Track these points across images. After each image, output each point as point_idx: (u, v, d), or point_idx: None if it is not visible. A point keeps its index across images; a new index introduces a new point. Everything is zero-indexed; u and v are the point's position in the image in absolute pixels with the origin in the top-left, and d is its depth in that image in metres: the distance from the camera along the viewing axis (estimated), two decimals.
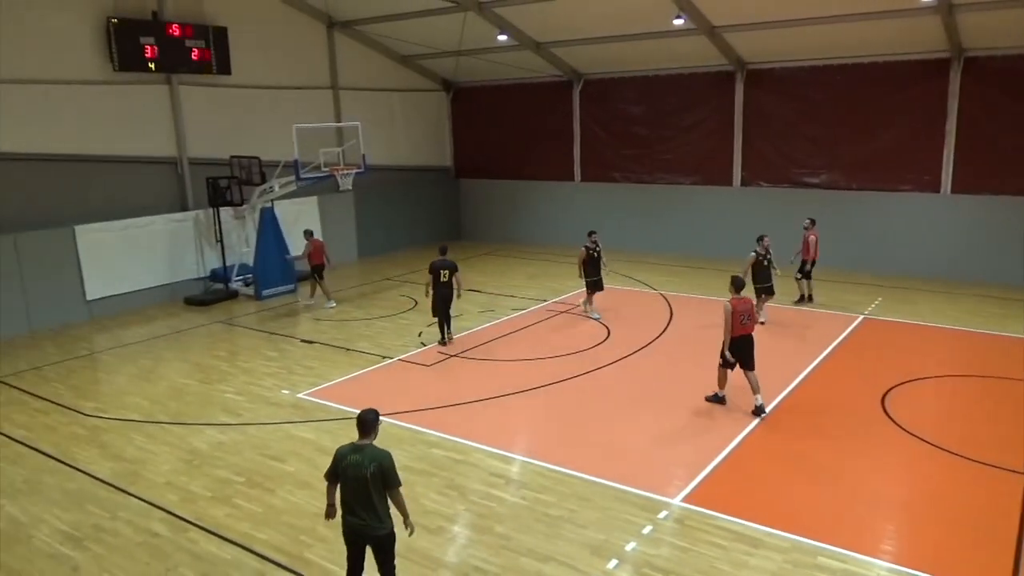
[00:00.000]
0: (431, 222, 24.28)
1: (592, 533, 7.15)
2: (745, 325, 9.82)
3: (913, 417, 9.66)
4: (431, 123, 24.82)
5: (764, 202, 19.83)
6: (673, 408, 10.28)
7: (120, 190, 16.66)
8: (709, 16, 17.17)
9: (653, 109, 21.32)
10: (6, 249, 14.69)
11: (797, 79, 19.03)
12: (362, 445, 5.65)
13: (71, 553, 7.11)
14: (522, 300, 16.48)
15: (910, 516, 7.50)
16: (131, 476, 8.70)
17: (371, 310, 16.12)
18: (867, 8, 15.37)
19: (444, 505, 7.78)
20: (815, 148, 19.10)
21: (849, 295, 16.21)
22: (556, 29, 19.35)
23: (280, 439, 9.59)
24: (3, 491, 8.44)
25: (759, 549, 6.80)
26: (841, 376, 11.44)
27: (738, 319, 9.73)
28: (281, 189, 17.11)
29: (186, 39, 17.08)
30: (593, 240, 14.66)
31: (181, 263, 17.63)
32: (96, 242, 15.97)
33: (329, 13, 20.40)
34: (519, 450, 9.13)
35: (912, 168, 17.89)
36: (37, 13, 14.99)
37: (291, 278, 17.92)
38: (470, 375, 11.89)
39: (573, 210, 22.70)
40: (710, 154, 20.64)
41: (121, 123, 16.59)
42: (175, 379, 12.12)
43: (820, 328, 13.85)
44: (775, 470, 8.43)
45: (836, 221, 18.72)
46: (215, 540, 7.25)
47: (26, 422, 10.45)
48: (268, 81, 19.38)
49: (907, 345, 12.93)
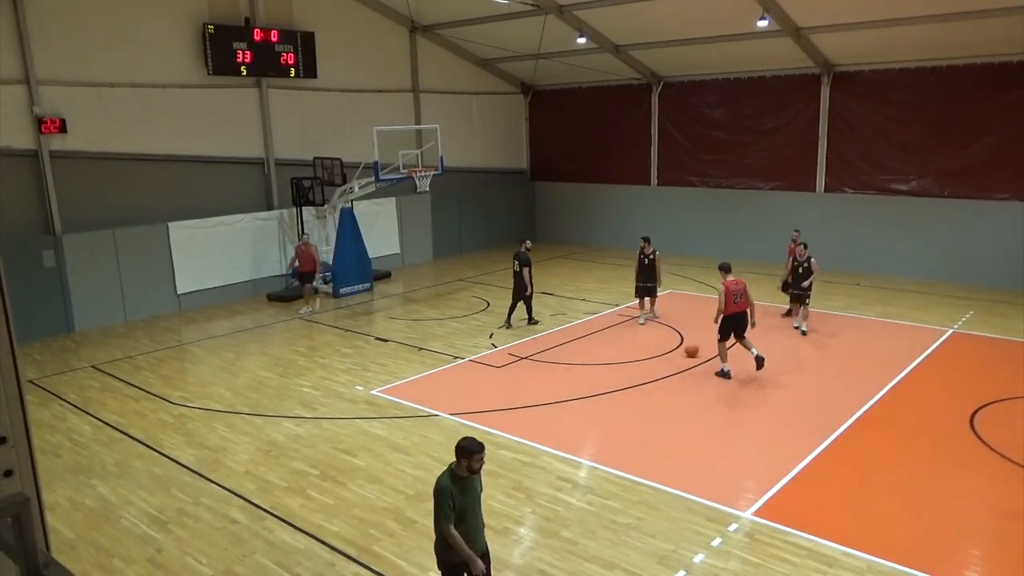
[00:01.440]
0: (506, 224, 24.44)
1: (659, 543, 7.06)
2: (738, 303, 11.24)
3: (1006, 438, 9.15)
4: (508, 126, 24.98)
5: (848, 208, 19.18)
6: (745, 418, 10.06)
7: (210, 189, 17.40)
8: (795, 17, 16.71)
9: (733, 112, 20.89)
10: (106, 243, 15.56)
11: (887, 82, 18.30)
12: (465, 474, 5.25)
13: (156, 535, 7.47)
14: (594, 304, 16.41)
15: (1001, 544, 7.10)
16: (213, 464, 9.07)
17: (444, 310, 16.35)
18: (964, 7, 14.67)
19: (511, 507, 7.82)
20: (904, 154, 18.33)
21: (937, 307, 15.49)
22: (636, 31, 19.19)
23: (353, 434, 9.83)
24: (96, 472, 8.94)
25: (833, 568, 6.58)
26: (927, 392, 10.94)
27: (730, 298, 11.17)
28: (361, 190, 17.54)
29: (276, 44, 17.72)
30: (641, 247, 14.75)
31: (265, 260, 18.30)
32: (187, 238, 16.75)
33: (412, 18, 20.79)
34: (587, 455, 9.10)
35: (1010, 176, 16.96)
36: (137, 20, 15.81)
37: (368, 277, 18.35)
38: (539, 378, 11.91)
39: (649, 214, 22.45)
40: (792, 159, 20.08)
41: (213, 125, 17.32)
42: (256, 372, 12.58)
43: (905, 341, 13.27)
44: (852, 486, 8.12)
45: (925, 230, 17.98)
46: (289, 529, 7.49)
47: (119, 408, 11.04)
48: (351, 84, 19.90)
49: (999, 362, 12.26)
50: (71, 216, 15.28)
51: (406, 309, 16.63)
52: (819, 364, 12.43)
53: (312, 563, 6.90)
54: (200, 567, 6.88)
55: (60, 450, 9.60)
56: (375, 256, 19.56)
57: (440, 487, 5.19)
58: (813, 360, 12.63)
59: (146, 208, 16.35)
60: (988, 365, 12.09)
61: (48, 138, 14.80)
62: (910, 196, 18.31)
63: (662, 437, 9.56)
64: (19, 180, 14.62)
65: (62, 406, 11.17)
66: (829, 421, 9.72)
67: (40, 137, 14.69)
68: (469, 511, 5.27)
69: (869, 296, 16.55)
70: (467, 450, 5.21)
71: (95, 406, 11.12)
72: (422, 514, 7.69)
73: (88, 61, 15.19)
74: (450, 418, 10.25)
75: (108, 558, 7.09)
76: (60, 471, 8.95)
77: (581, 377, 11.79)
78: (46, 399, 11.45)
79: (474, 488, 5.33)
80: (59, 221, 15.10)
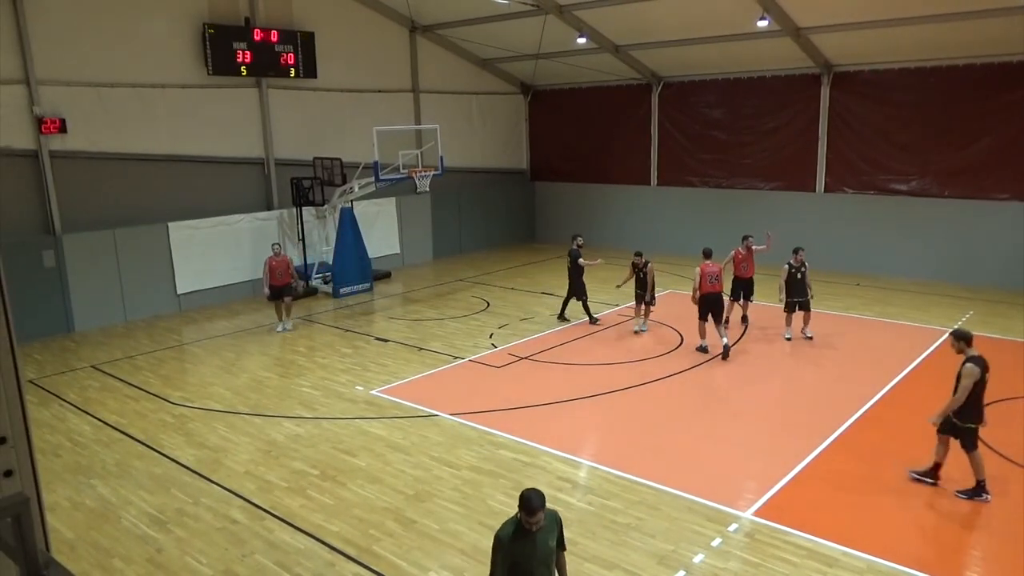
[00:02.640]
0: (505, 224, 24.46)
1: (659, 543, 7.07)
2: (713, 284, 12.41)
3: (1005, 439, 9.16)
4: (508, 126, 24.98)
5: (848, 208, 19.18)
6: (745, 419, 10.06)
7: (210, 189, 17.40)
8: (795, 17, 16.71)
9: (733, 112, 20.89)
10: (106, 243, 15.57)
11: (887, 82, 18.30)
12: (533, 521, 4.58)
13: (156, 535, 7.47)
14: (594, 304, 16.38)
15: (1001, 544, 7.11)
16: (213, 464, 9.08)
17: (444, 310, 16.35)
18: (964, 7, 14.66)
19: (511, 507, 7.80)
20: (904, 154, 18.32)
21: (936, 307, 15.50)
22: (636, 31, 19.19)
23: (353, 434, 9.83)
24: (96, 472, 8.94)
25: (833, 568, 6.58)
26: (926, 392, 10.91)
27: (706, 279, 12.41)
28: (361, 190, 17.54)
29: (276, 44, 17.72)
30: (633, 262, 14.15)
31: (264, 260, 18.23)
32: (187, 238, 16.74)
33: (412, 18, 20.79)
34: (587, 455, 9.10)
35: (1010, 176, 16.95)
36: (137, 20, 15.82)
37: (368, 277, 18.35)
38: (539, 378, 11.91)
39: (649, 214, 22.46)
40: (792, 159, 20.07)
41: (213, 125, 17.32)
42: (256, 372, 12.58)
43: (905, 341, 13.27)
44: (852, 487, 8.13)
45: (925, 230, 17.97)
46: (289, 529, 7.49)
47: (119, 408, 11.05)
48: (351, 84, 19.90)
49: (999, 362, 12.15)
50: (71, 216, 15.28)
51: (406, 309, 16.63)
52: (819, 364, 12.43)
53: (312, 563, 6.90)
54: (200, 567, 6.88)
55: (60, 450, 9.60)
56: (375, 256, 19.56)
57: (495, 535, 4.65)
58: (813, 360, 12.63)
59: (146, 208, 16.34)
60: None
61: (48, 138, 14.80)
62: (910, 196, 18.32)
63: (662, 437, 9.56)
64: (19, 180, 14.62)
65: (62, 406, 11.17)
66: (829, 421, 9.73)
67: (40, 137, 14.69)
68: (525, 568, 4.59)
69: (869, 296, 16.55)
70: (522, 505, 4.57)
71: (95, 406, 11.12)
72: (422, 514, 7.70)
73: (88, 61, 15.19)
74: (450, 418, 10.25)
75: (108, 558, 7.09)
76: (60, 471, 8.96)
77: (581, 377, 11.80)
78: (46, 399, 11.45)
79: (540, 543, 4.61)
80: (59, 221, 15.10)
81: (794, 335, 13.56)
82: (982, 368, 7.53)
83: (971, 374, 7.50)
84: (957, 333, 8.01)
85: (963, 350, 7.81)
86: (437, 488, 8.26)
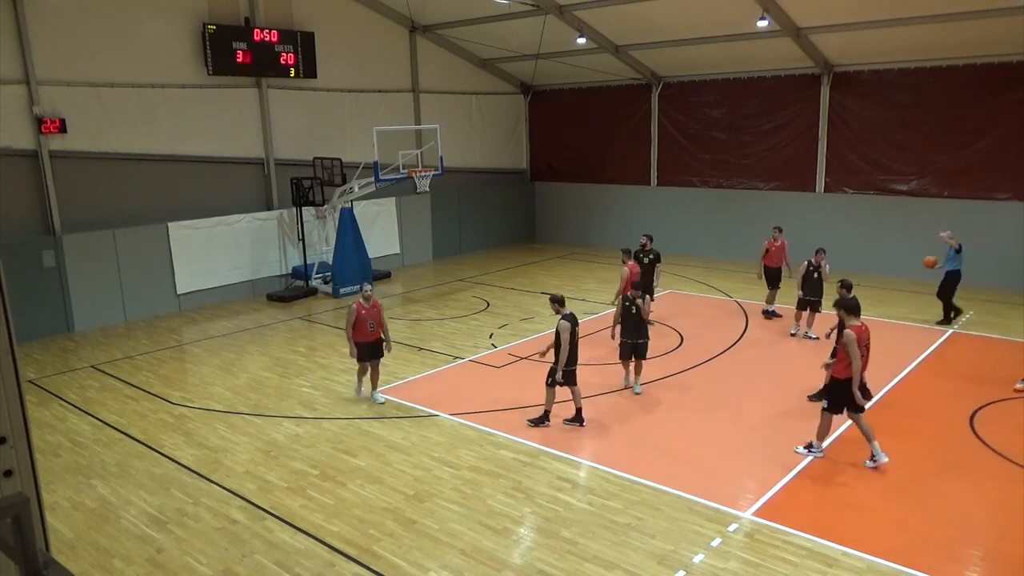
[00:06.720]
0: (505, 224, 24.46)
1: (659, 543, 7.07)
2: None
3: (1006, 439, 9.16)
4: (508, 126, 24.98)
5: (848, 208, 19.19)
6: (745, 419, 10.05)
7: (210, 189, 17.39)
8: (795, 17, 16.71)
9: (733, 113, 20.89)
10: (106, 244, 15.56)
11: (887, 82, 18.30)
12: None
13: (156, 535, 7.47)
14: (594, 304, 16.40)
15: (1001, 543, 7.10)
16: (213, 464, 9.07)
17: (444, 310, 16.34)
18: (964, 7, 14.66)
19: (511, 507, 7.82)
20: (904, 154, 18.33)
21: (936, 307, 15.46)
22: (636, 31, 19.19)
23: (353, 434, 9.83)
24: (96, 473, 8.94)
25: (833, 568, 6.58)
26: (926, 392, 10.95)
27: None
28: (361, 190, 17.54)
29: (276, 44, 17.72)
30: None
31: (264, 260, 18.30)
32: (187, 238, 16.74)
33: (412, 17, 20.79)
34: (587, 455, 9.10)
35: (1010, 176, 16.96)
36: (137, 20, 15.81)
37: (368, 277, 18.32)
38: (540, 378, 11.85)
39: (649, 214, 22.43)
40: (792, 159, 20.08)
41: (212, 125, 17.31)
42: (256, 372, 12.57)
43: (906, 341, 13.28)
44: (852, 487, 8.13)
45: (925, 230, 17.93)
46: (289, 529, 7.49)
47: (119, 408, 11.04)
48: (351, 84, 19.89)
49: (999, 362, 12.26)
50: (71, 216, 15.27)
51: (406, 309, 16.63)
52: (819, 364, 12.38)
53: (312, 563, 6.89)
54: (200, 567, 6.88)
55: (60, 450, 9.60)
56: (375, 256, 19.57)
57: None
58: (813, 360, 12.59)
59: (146, 208, 16.34)
60: (987, 365, 12.09)
61: (48, 138, 14.80)
62: (910, 196, 18.32)
63: (662, 438, 9.56)
64: (19, 180, 14.61)
65: (62, 406, 11.17)
66: None
67: (40, 137, 14.68)
68: None
69: (869, 296, 16.49)
70: None
71: (95, 406, 11.12)
72: (422, 514, 7.70)
73: (88, 61, 15.19)
74: (450, 418, 10.25)
75: (108, 558, 7.08)
76: (60, 471, 8.96)
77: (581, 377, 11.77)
78: (46, 399, 11.45)
79: None
80: (59, 221, 15.10)
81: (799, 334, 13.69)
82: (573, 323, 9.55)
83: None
84: (553, 297, 10.22)
85: (558, 311, 9.91)
86: (437, 488, 8.26)
